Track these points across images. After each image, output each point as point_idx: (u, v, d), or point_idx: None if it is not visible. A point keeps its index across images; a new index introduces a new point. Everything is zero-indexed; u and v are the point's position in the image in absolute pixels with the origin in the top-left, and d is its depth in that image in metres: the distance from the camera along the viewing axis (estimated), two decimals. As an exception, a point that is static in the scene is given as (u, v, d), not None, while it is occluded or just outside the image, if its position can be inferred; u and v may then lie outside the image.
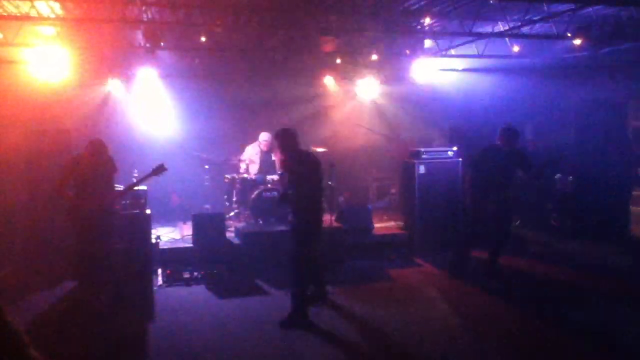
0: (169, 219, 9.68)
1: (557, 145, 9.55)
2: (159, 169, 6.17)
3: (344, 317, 6.05)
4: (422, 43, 9.79)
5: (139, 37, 8.78)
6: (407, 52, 9.96)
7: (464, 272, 7.40)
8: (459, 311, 6.17)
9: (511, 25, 8.59)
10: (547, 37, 8.88)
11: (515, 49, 9.80)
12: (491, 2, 6.78)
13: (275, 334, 5.53)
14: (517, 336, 5.46)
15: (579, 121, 9.91)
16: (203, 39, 8.92)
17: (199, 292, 6.92)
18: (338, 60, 10.67)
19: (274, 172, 9.33)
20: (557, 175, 9.83)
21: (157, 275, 7.36)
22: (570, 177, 9.74)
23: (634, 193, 9.44)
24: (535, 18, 8.28)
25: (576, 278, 7.44)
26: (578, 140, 9.91)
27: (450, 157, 9.18)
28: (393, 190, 11.58)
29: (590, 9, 7.79)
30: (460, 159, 9.18)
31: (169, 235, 8.77)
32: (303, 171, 5.83)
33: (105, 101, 9.74)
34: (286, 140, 5.91)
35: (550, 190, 10.02)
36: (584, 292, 6.81)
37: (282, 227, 8.01)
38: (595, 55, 9.04)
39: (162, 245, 8.02)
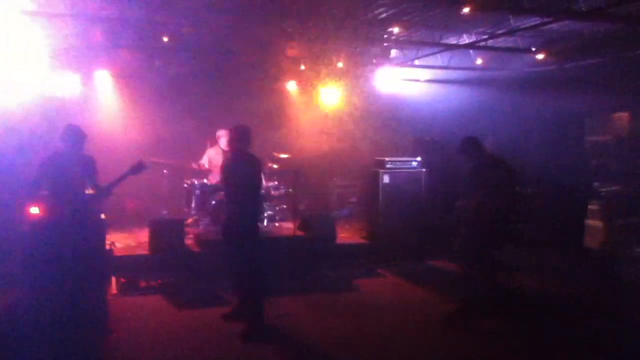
0: (124, 225, 9.28)
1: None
2: (139, 167, 5.62)
3: (306, 328, 5.86)
4: (389, 52, 9.79)
5: (97, 34, 8.44)
6: (374, 61, 9.92)
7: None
8: (421, 322, 6.08)
9: (476, 37, 8.68)
10: (512, 50, 9.01)
11: (479, 61, 9.92)
12: (463, 12, 6.77)
13: (236, 346, 5.29)
14: (481, 347, 5.40)
15: (539, 134, 10.07)
16: (165, 39, 8.64)
17: (156, 302, 6.59)
18: (302, 67, 10.54)
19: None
20: (518, 188, 9.94)
21: (111, 283, 6.99)
22: (529, 189, 9.87)
23: (590, 207, 9.62)
24: (500, 32, 8.40)
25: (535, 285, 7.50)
26: (537, 153, 10.06)
27: (414, 167, 9.17)
28: (353, 199, 11.49)
29: (554, 25, 7.93)
30: (424, 170, 9.18)
31: (123, 241, 8.39)
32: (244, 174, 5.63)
33: (60, 101, 9.27)
34: (240, 138, 5.67)
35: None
36: (541, 300, 6.86)
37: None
38: (557, 70, 9.22)
39: (117, 252, 7.65)
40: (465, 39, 9.09)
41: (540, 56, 8.89)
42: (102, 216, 6.85)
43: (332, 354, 5.20)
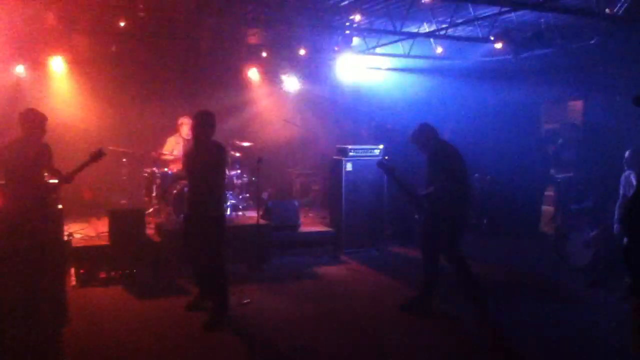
0: (81, 215, 9.06)
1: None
2: (97, 154, 5.54)
3: (270, 315, 5.89)
4: (350, 40, 9.80)
5: (51, 18, 8.17)
6: (336, 48, 9.92)
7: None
8: (385, 308, 6.17)
9: (437, 26, 8.78)
10: (471, 39, 9.14)
11: (439, 50, 10.03)
12: (423, 1, 6.84)
13: (197, 335, 5.27)
14: (443, 333, 5.52)
15: (496, 123, 10.29)
16: (122, 23, 8.42)
17: (117, 293, 6.50)
18: (264, 54, 10.45)
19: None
20: (476, 175, 10.15)
21: (70, 275, 6.83)
22: (488, 176, 10.09)
23: (547, 193, 9.91)
24: (460, 20, 8.51)
25: (495, 275, 7.68)
26: (495, 141, 10.28)
27: (377, 155, 9.22)
28: (316, 187, 11.53)
29: (512, 15, 8.08)
30: (386, 157, 9.25)
31: (81, 231, 8.19)
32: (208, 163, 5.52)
33: (12, 88, 8.97)
34: (203, 124, 5.52)
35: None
36: (502, 288, 7.04)
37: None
38: (513, 60, 9.40)
39: (75, 242, 7.47)
40: (426, 28, 9.18)
41: (498, 45, 9.05)
42: (60, 206, 6.70)
43: (294, 341, 5.23)
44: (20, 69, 9.02)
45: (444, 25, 8.68)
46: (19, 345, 4.81)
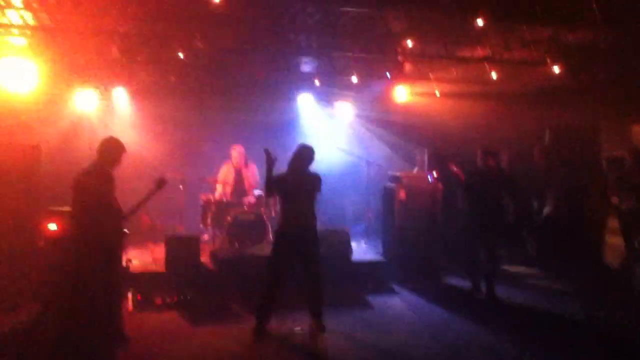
0: (139, 240, 9.28)
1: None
2: (161, 182, 5.67)
3: (322, 342, 5.83)
4: (403, 66, 9.77)
5: (114, 50, 8.54)
6: (388, 74, 9.90)
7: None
8: (438, 339, 6.02)
9: (491, 50, 8.66)
10: (527, 63, 8.93)
11: (493, 74, 9.83)
12: (478, 26, 6.78)
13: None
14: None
15: (553, 147, 9.95)
16: (180, 54, 8.70)
17: (172, 319, 6.59)
18: (316, 82, 10.53)
19: (246, 193, 9.13)
20: (534, 203, 9.81)
21: (127, 300, 6.99)
22: (547, 206, 9.70)
23: (611, 223, 9.39)
24: (514, 44, 8.37)
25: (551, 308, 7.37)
26: (551, 166, 9.92)
27: (430, 182, 9.09)
28: (369, 215, 11.42)
29: (570, 36, 7.88)
30: (440, 185, 9.10)
31: (139, 257, 8.40)
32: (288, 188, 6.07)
33: (77, 117, 9.39)
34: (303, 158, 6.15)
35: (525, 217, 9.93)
36: (561, 323, 6.74)
37: (259, 252, 7.81)
38: (571, 82, 9.11)
39: (133, 268, 7.65)
40: (480, 52, 9.05)
41: (555, 68, 8.78)
42: (126, 231, 6.85)
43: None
44: (84, 99, 9.43)
45: (498, 49, 8.55)
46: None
